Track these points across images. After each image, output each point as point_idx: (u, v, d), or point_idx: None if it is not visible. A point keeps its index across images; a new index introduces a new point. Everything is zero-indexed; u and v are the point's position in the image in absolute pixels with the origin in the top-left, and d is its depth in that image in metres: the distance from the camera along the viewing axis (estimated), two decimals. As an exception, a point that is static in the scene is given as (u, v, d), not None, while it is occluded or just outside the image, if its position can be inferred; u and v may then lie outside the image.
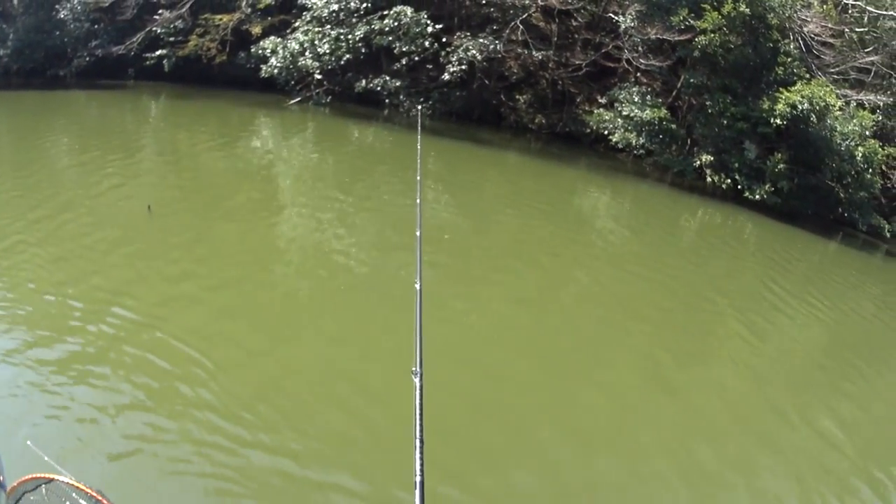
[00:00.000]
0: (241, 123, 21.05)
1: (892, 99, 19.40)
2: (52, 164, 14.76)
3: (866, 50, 19.61)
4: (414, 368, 2.73)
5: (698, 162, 18.57)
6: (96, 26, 25.10)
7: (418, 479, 2.12)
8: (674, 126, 18.83)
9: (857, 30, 19.77)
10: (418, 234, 4.55)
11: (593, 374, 7.90)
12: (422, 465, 2.16)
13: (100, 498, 2.23)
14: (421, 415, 2.41)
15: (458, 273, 10.31)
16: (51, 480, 2.44)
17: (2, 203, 10.75)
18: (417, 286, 3.60)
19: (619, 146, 19.32)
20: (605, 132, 19.49)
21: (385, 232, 11.73)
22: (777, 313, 11.17)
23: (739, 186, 17.82)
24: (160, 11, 23.78)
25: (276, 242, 10.88)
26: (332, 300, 8.78)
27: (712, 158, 18.24)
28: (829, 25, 19.15)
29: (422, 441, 2.26)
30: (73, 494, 2.30)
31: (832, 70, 19.17)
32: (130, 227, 10.41)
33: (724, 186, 18.12)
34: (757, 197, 17.47)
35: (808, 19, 18.82)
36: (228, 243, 10.39)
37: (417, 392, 2.55)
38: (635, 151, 19.29)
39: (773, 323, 10.80)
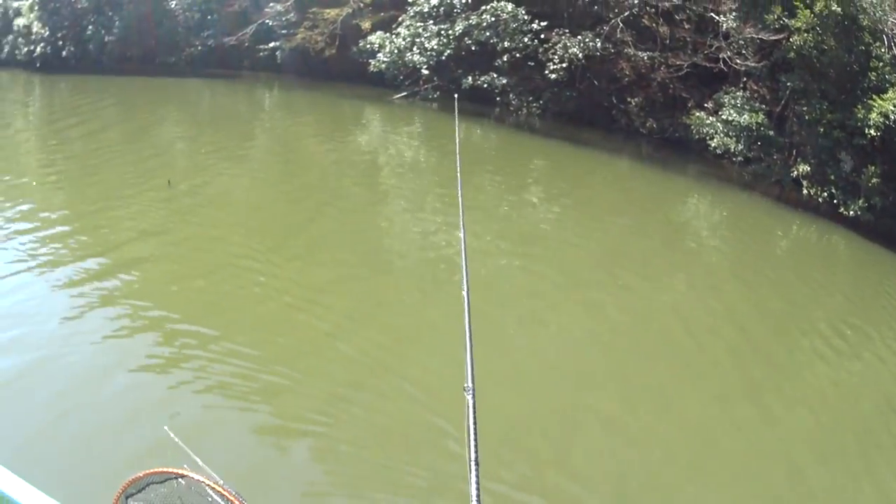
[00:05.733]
0: (348, 116, 25.99)
1: None
2: (166, 150, 20.87)
3: None
4: (466, 384, 2.84)
5: (796, 172, 20.65)
6: (208, 17, 30.85)
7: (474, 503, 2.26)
8: (771, 133, 21.10)
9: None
10: (462, 234, 4.72)
11: (670, 400, 9.36)
12: (478, 490, 2.28)
13: (238, 502, 2.34)
14: (475, 434, 2.52)
15: (550, 277, 13.07)
16: (182, 477, 2.58)
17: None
18: (465, 293, 3.76)
19: (718, 151, 21.78)
20: (706, 137, 22.03)
21: (490, 230, 15.07)
22: (861, 345, 11.88)
23: (836, 201, 19.50)
24: (270, 4, 29.29)
25: (377, 235, 14.61)
26: (437, 296, 11.59)
27: (810, 169, 20.24)
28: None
29: (477, 463, 2.37)
30: (208, 492, 2.44)
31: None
32: (244, 214, 15.15)
33: (819, 200, 19.89)
34: (851, 213, 18.97)
35: (904, 22, 20.50)
36: (332, 235, 14.24)
37: (470, 410, 2.66)
38: (734, 158, 21.63)
39: (860, 357, 11.57)
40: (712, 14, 22.84)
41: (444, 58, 25.47)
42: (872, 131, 18.51)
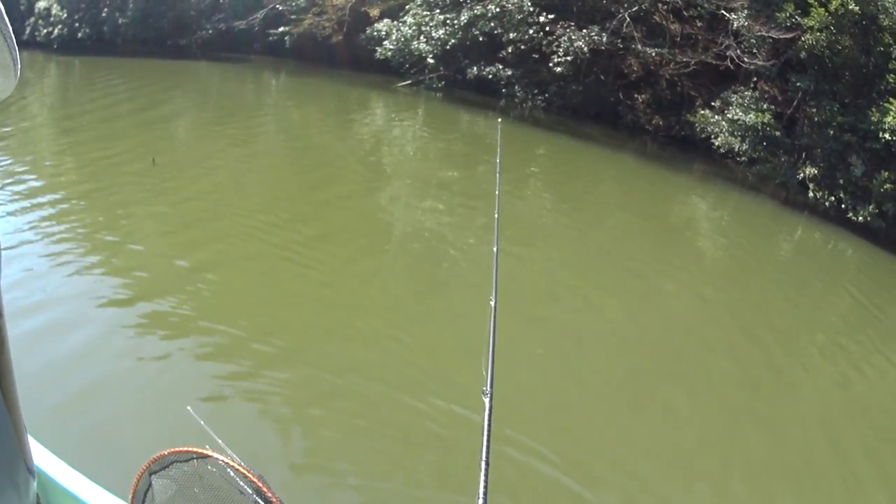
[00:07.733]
0: (353, 102, 25.84)
1: None
2: (165, 129, 21.09)
3: None
4: (484, 388, 2.94)
5: (802, 175, 20.19)
6: (220, 1, 31.22)
7: (481, 501, 2.34)
8: (777, 133, 20.62)
9: None
10: (495, 249, 4.71)
11: (656, 401, 8.80)
12: (485, 488, 2.37)
13: (260, 484, 2.25)
14: (489, 436, 2.61)
15: (543, 271, 12.64)
16: (206, 457, 2.44)
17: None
18: (492, 303, 3.86)
19: (722, 151, 21.41)
20: (711, 136, 21.71)
21: (478, 217, 14.62)
22: (868, 357, 11.36)
23: (843, 205, 19.09)
24: (282, -11, 29.48)
25: (372, 218, 14.38)
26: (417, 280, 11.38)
27: (817, 172, 19.77)
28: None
29: (487, 463, 2.46)
30: (231, 473, 2.34)
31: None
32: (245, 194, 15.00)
33: (826, 204, 19.46)
34: (860, 219, 18.57)
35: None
36: (328, 216, 14.10)
37: (487, 413, 2.78)
38: (739, 158, 21.27)
39: (860, 370, 11.01)
40: (723, 12, 22.38)
41: (449, 47, 25.17)
42: (887, 135, 18.14)
